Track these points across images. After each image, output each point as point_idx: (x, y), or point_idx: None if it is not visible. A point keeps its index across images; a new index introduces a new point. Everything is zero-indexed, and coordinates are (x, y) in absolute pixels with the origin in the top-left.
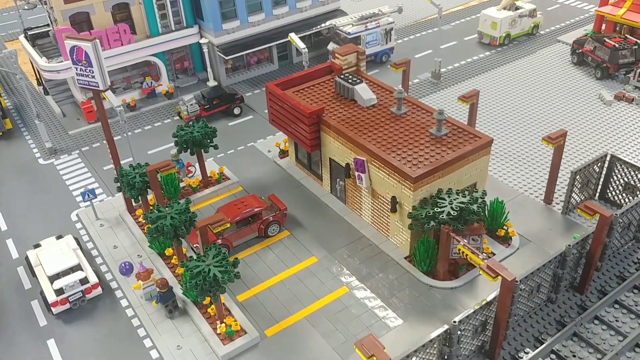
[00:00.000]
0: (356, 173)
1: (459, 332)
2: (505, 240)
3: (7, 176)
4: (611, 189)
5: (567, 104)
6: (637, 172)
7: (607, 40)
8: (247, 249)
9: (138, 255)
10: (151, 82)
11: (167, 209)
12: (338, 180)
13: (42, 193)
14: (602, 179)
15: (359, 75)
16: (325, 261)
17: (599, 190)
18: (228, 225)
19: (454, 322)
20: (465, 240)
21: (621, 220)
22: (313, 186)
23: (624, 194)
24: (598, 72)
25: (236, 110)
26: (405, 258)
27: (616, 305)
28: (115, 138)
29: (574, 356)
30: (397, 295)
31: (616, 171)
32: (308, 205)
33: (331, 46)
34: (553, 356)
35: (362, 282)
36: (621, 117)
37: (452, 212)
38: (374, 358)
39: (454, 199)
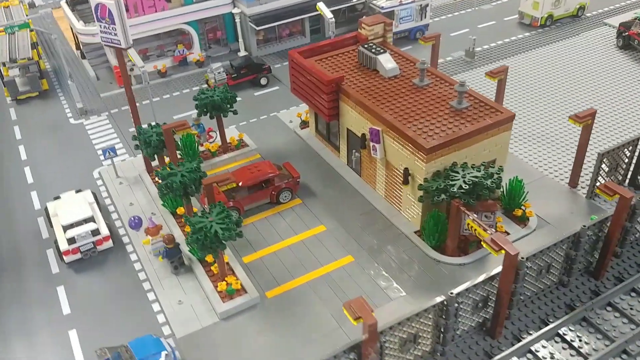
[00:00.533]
0: (371, 144)
1: (456, 305)
2: (522, 220)
3: (38, 133)
4: None
5: (606, 88)
6: None
7: None
8: (258, 213)
9: (152, 213)
10: (183, 50)
11: (179, 167)
12: (354, 151)
13: (68, 150)
14: (633, 164)
15: (385, 46)
16: (334, 230)
17: (629, 177)
18: (234, 184)
19: (451, 293)
20: (476, 215)
21: None
22: (330, 157)
23: None
24: None
25: (263, 81)
26: (416, 232)
27: (633, 294)
28: (144, 102)
29: (580, 340)
30: (403, 268)
31: None
32: (323, 175)
33: None
34: (558, 339)
35: (369, 253)
36: None
37: (464, 186)
38: (361, 320)
39: (468, 173)
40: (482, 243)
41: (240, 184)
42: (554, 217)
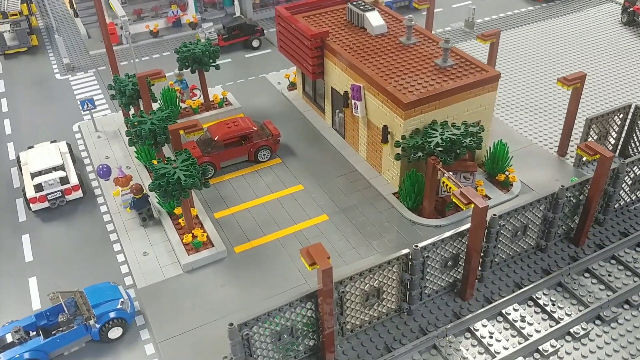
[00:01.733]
0: (352, 101)
1: (422, 260)
2: (505, 185)
3: (22, 87)
4: (633, 144)
5: (606, 63)
6: None
7: None
8: (235, 171)
9: (127, 167)
10: (177, 11)
11: (150, 115)
12: (337, 111)
13: (51, 104)
14: (624, 133)
15: (376, 5)
16: (311, 190)
17: (619, 147)
18: (202, 132)
19: (415, 246)
20: (451, 173)
21: (629, 170)
22: (315, 119)
23: None
24: None
25: (255, 43)
26: (394, 194)
27: (613, 261)
28: (135, 61)
29: (554, 305)
30: (378, 228)
31: (639, 123)
32: (307, 136)
33: None
34: (531, 303)
35: (345, 213)
36: None
37: (441, 143)
38: (317, 266)
39: (447, 131)
40: (452, 197)
41: (216, 138)
42: (539, 184)
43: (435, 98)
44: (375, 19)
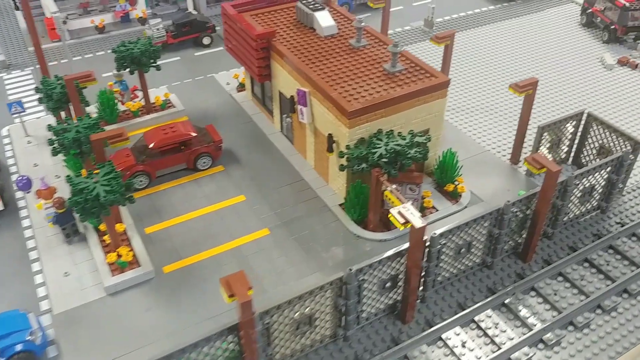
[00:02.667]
0: (298, 107)
1: (357, 283)
2: (454, 196)
3: None
4: (585, 152)
5: (562, 66)
6: (613, 134)
7: None
8: (173, 180)
9: (56, 176)
10: (125, 5)
11: (76, 121)
12: (284, 116)
13: None
14: (577, 141)
15: (329, 5)
16: (254, 201)
17: (572, 154)
18: (127, 142)
19: (350, 269)
20: (395, 186)
21: (578, 182)
22: (264, 123)
23: (598, 159)
24: (605, 35)
25: (206, 40)
26: (340, 205)
27: (560, 278)
28: (74, 58)
29: (496, 328)
30: (321, 243)
31: (592, 132)
32: (253, 142)
33: None
34: (473, 325)
35: (287, 226)
36: (620, 82)
37: (384, 154)
38: (235, 298)
39: (392, 141)
40: (389, 216)
41: (151, 145)
42: (489, 195)
43: (381, 106)
44: (324, 19)
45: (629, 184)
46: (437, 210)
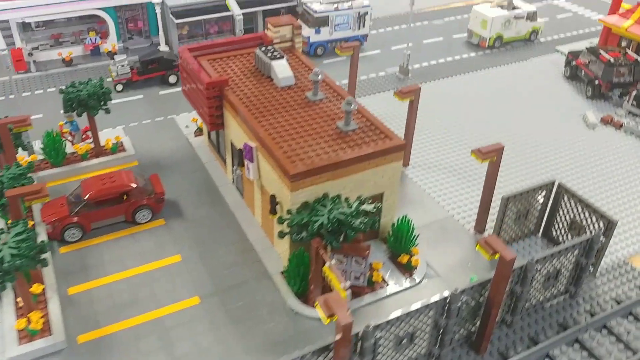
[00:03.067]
0: (245, 161)
1: None
2: (408, 269)
3: None
4: (557, 226)
5: (541, 122)
6: (585, 210)
7: (603, 53)
8: (109, 233)
9: None
10: (95, 39)
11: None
12: (234, 168)
13: None
14: (547, 212)
15: (292, 53)
16: (189, 263)
17: (542, 227)
18: (46, 199)
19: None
20: (334, 261)
21: (541, 267)
22: (217, 172)
23: (569, 235)
24: (589, 90)
25: (172, 79)
26: (282, 273)
27: None
28: (36, 92)
29: None
30: (254, 317)
31: (563, 204)
32: (202, 193)
33: None
34: None
35: (221, 294)
36: (602, 143)
37: (326, 224)
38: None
39: (337, 208)
40: (316, 306)
41: (86, 197)
42: (447, 269)
43: (328, 168)
44: (281, 70)
45: (604, 264)
46: (387, 285)
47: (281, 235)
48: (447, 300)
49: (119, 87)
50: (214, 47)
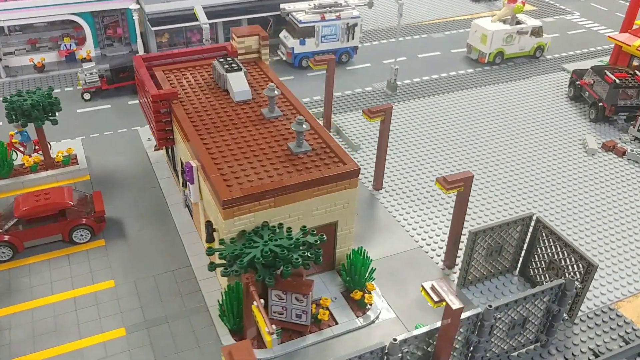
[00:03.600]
0: (186, 181)
1: None
2: (361, 307)
3: None
4: (534, 264)
5: (535, 147)
6: (563, 248)
7: (608, 73)
8: (43, 253)
9: None
10: (70, 45)
11: None
12: (183, 187)
13: None
14: (525, 248)
15: (258, 65)
16: (122, 290)
17: (519, 264)
18: None
19: None
20: (261, 301)
21: (503, 315)
22: (171, 189)
23: (547, 275)
24: (592, 112)
25: None
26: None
27: None
28: None
29: None
30: (182, 354)
31: (541, 241)
32: (150, 212)
33: (283, 35)
34: None
35: (149, 327)
36: (600, 172)
37: (259, 258)
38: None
39: (275, 239)
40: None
41: (16, 215)
42: (407, 308)
43: (269, 194)
44: (237, 83)
45: (586, 309)
46: (335, 324)
47: (210, 267)
48: (384, 351)
49: (87, 96)
50: (173, 56)
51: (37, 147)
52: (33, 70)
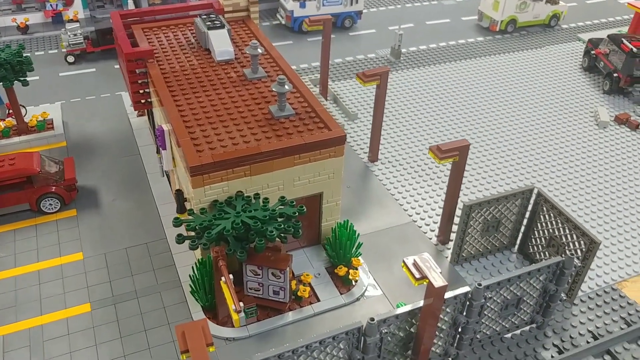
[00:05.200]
0: (159, 147)
1: None
2: (346, 283)
3: None
4: (534, 241)
5: (544, 118)
6: (565, 225)
7: (625, 42)
8: (11, 222)
9: None
10: (57, 5)
11: None
12: (157, 155)
13: None
14: (524, 224)
15: (246, 25)
16: (91, 263)
17: (519, 239)
18: None
19: None
20: (230, 277)
21: (494, 294)
22: (150, 158)
23: (547, 252)
24: (606, 83)
25: None
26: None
27: None
28: None
29: None
30: (149, 332)
31: (542, 216)
32: (127, 181)
33: None
34: None
35: (116, 302)
36: (611, 146)
37: (228, 230)
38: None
39: (249, 211)
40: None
41: None
42: (396, 285)
43: (244, 162)
44: (219, 42)
45: (587, 289)
46: (317, 302)
47: (179, 240)
48: (361, 331)
49: (71, 59)
50: (155, 13)
51: (10, 111)
52: (16, 32)
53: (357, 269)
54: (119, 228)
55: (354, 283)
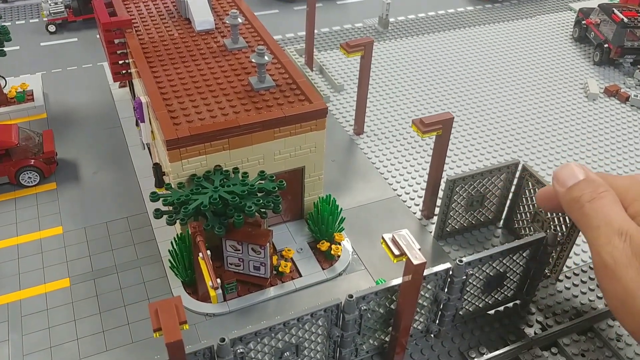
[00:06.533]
0: (137, 119)
1: None
2: (329, 259)
3: None
4: (519, 216)
5: (532, 90)
6: None
7: (616, 12)
8: None
9: None
10: None
11: None
12: (137, 128)
13: None
14: (509, 200)
15: None
16: (70, 237)
17: (504, 214)
18: None
19: None
20: (208, 253)
21: (476, 271)
22: (131, 130)
23: (531, 227)
24: (597, 54)
25: None
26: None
27: None
28: None
29: None
30: (128, 308)
31: (527, 191)
32: (108, 155)
33: None
34: None
35: (95, 277)
36: (599, 119)
37: (205, 205)
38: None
39: (228, 185)
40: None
41: None
42: (378, 261)
43: (222, 135)
44: (199, 11)
45: (573, 265)
46: (299, 277)
47: (157, 214)
48: (340, 308)
49: (52, 28)
50: None
51: None
52: None
53: (339, 244)
54: (100, 202)
55: (336, 258)
